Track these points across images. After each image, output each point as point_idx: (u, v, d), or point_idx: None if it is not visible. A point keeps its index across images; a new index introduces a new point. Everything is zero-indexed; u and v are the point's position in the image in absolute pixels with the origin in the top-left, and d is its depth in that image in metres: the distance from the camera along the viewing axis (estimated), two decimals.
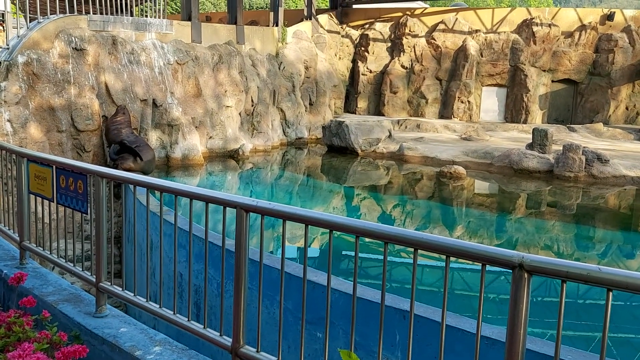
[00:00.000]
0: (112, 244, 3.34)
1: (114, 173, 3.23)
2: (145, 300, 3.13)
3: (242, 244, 2.56)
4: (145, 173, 10.91)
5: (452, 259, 1.93)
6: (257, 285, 2.62)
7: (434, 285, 7.34)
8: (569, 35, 22.72)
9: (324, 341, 5.34)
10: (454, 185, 13.58)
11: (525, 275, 1.73)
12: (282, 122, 19.41)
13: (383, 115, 23.59)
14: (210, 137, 15.60)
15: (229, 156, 15.83)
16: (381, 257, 8.09)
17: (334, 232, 2.31)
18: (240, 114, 16.96)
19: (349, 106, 24.95)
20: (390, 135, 18.30)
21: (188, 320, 2.88)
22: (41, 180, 3.89)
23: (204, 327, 2.81)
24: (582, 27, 22.54)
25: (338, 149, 17.70)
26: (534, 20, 22.66)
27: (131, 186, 3.21)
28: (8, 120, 10.14)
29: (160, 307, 3.03)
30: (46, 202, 4.02)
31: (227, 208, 2.65)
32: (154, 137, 13.62)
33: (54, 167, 3.70)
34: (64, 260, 3.75)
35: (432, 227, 10.30)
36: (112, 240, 3.35)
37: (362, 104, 24.69)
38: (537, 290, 7.31)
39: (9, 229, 4.56)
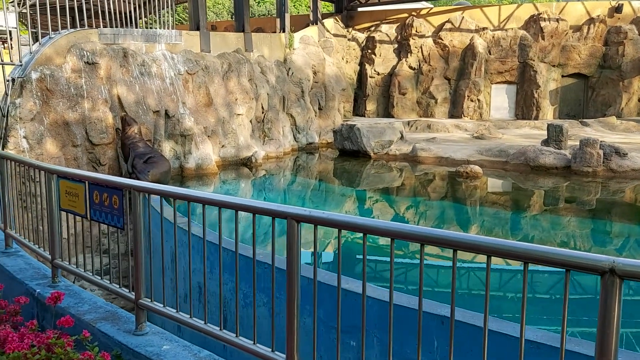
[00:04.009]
0: (151, 260, 3.26)
1: (153, 187, 3.15)
2: (188, 316, 3.04)
3: (294, 256, 2.47)
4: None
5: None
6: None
7: (473, 287, 7.18)
8: (578, 29, 22.53)
9: (357, 349, 5.21)
10: (471, 184, 13.43)
11: (617, 280, 1.63)
12: (293, 127, 19.35)
13: (392, 117, 23.49)
14: (223, 146, 15.56)
15: (242, 164, 15.78)
16: (412, 261, 7.99)
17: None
18: (251, 121, 16.92)
19: (358, 109, 24.87)
20: (402, 137, 18.19)
21: (236, 336, 2.79)
22: (73, 196, 3.82)
23: (254, 343, 2.72)
24: (591, 21, 22.36)
25: (350, 152, 17.61)
26: (541, 15, 22.51)
27: (170, 199, 3.13)
28: (24, 137, 10.14)
29: (205, 323, 2.94)
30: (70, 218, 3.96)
31: (277, 219, 2.56)
32: (167, 148, 13.60)
33: (87, 182, 3.63)
34: (100, 278, 3.68)
35: (469, 229, 10.10)
36: (150, 255, 3.27)
37: (370, 106, 24.60)
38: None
39: (39, 247, 4.50)
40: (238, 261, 2.79)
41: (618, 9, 22.21)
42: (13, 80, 10.47)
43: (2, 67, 10.41)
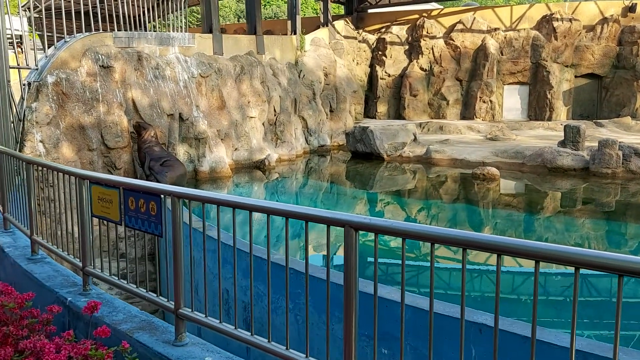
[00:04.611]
0: (192, 269, 3.16)
1: (194, 193, 3.05)
2: (233, 327, 2.93)
3: (352, 267, 2.35)
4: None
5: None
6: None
7: (514, 292, 7.00)
8: (591, 29, 22.32)
9: (388, 357, 5.07)
10: (490, 187, 13.26)
11: None
12: (304, 130, 19.25)
13: (403, 118, 23.35)
14: (236, 149, 15.49)
15: (255, 167, 15.70)
16: (452, 265, 7.83)
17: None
18: (263, 124, 16.84)
19: (369, 111, 24.74)
20: (415, 139, 18.05)
21: (287, 348, 2.68)
22: (106, 202, 3.72)
23: (307, 357, 2.60)
24: (604, 20, 22.14)
25: (363, 154, 17.49)
26: (554, 15, 22.31)
27: (210, 205, 3.03)
28: (40, 141, 10.09)
29: (252, 334, 2.83)
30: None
31: (332, 227, 2.45)
32: (181, 151, 13.53)
33: (121, 188, 3.53)
34: (135, 286, 3.58)
35: (508, 234, 9.88)
36: (192, 264, 3.16)
37: (381, 108, 24.46)
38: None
39: (68, 254, 4.41)
40: (288, 273, 2.68)
41: (632, 9, 21.99)
42: (29, 84, 10.43)
43: (19, 71, 10.36)
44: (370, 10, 26.34)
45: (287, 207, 2.61)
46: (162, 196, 3.21)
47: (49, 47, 11.52)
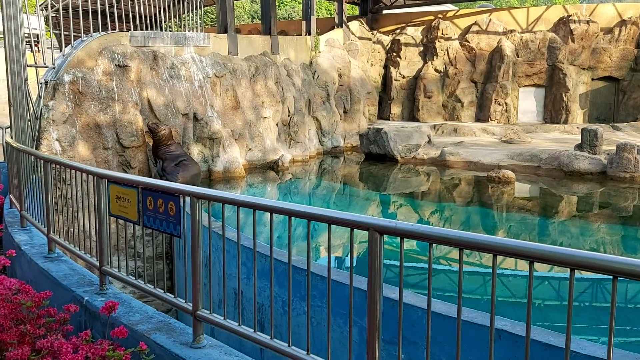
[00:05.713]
0: (210, 270, 3.11)
1: (214, 194, 3.01)
2: (252, 330, 2.89)
3: (376, 272, 2.30)
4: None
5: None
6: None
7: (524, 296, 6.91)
8: (609, 31, 22.03)
9: None
10: (504, 190, 13.12)
11: None
12: (318, 131, 19.20)
13: (417, 120, 23.22)
14: (250, 149, 15.48)
15: (269, 167, 15.69)
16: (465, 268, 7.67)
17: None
18: (277, 124, 16.82)
19: (382, 112, 24.63)
20: (429, 141, 17.92)
21: (307, 353, 2.63)
22: (124, 202, 3.70)
23: None
24: (622, 23, 21.84)
25: (376, 156, 17.40)
26: (571, 17, 22.05)
27: (229, 206, 2.99)
28: (57, 140, 10.15)
29: (271, 338, 2.79)
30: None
31: (355, 230, 2.40)
32: (195, 151, 13.54)
33: (140, 188, 3.51)
34: (153, 287, 3.55)
35: (522, 237, 9.77)
36: (210, 265, 3.13)
37: (395, 109, 24.35)
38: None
39: (85, 253, 4.40)
40: (310, 277, 2.63)
41: None
42: (46, 82, 10.50)
43: (36, 69, 10.44)
44: (384, 12, 26.24)
45: (309, 210, 2.56)
46: (180, 196, 3.18)
47: (65, 46, 11.60)
